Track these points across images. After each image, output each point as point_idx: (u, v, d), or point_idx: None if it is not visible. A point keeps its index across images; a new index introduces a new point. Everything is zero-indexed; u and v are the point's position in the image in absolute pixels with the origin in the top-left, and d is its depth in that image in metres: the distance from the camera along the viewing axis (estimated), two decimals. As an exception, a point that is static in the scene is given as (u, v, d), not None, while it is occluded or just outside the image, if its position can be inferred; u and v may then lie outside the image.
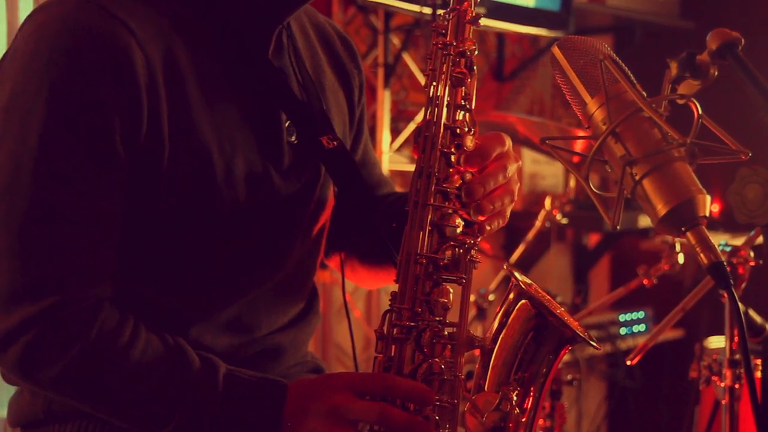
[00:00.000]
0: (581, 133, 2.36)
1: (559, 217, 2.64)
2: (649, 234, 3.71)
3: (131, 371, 1.23)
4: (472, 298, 2.67)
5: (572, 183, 2.76)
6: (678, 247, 2.33)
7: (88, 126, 1.21)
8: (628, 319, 3.79)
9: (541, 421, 2.37)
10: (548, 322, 1.21)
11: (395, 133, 3.31)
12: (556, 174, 3.75)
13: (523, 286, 1.23)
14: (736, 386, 1.93)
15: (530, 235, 2.68)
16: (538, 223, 2.65)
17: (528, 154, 3.67)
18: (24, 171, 1.21)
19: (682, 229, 1.14)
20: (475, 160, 1.30)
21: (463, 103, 1.33)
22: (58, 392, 1.26)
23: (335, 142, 1.39)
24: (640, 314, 3.83)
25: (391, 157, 3.18)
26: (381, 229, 1.46)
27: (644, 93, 1.20)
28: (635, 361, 2.01)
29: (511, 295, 1.24)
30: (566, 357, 2.63)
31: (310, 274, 1.49)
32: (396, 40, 3.24)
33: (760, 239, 1.90)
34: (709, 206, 1.14)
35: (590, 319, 3.72)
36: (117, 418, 1.27)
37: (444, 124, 1.30)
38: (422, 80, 2.60)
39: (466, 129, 1.33)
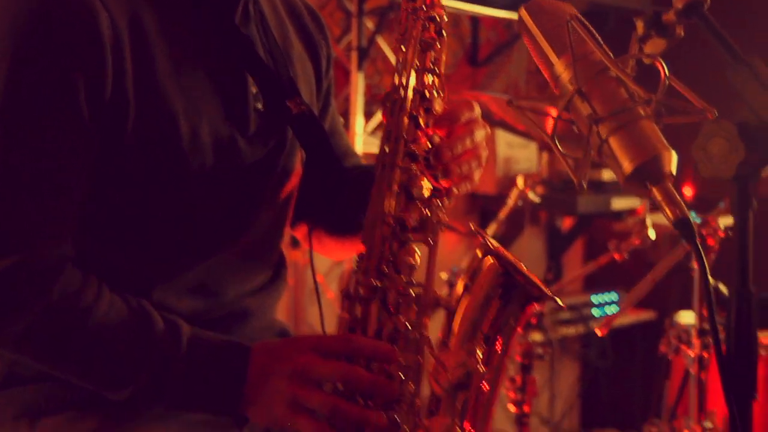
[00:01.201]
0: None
1: (531, 195, 2.65)
2: (622, 217, 3.73)
3: (94, 332, 1.22)
4: (444, 276, 2.68)
5: (545, 161, 2.76)
6: (649, 223, 2.34)
7: (51, 84, 1.20)
8: (601, 300, 3.81)
9: (512, 394, 2.38)
10: (515, 280, 1.22)
11: (369, 116, 3.31)
12: (530, 158, 3.75)
13: (490, 245, 1.23)
14: (705, 355, 1.95)
15: (502, 213, 2.68)
16: (510, 202, 2.65)
17: (502, 138, 3.68)
18: None
19: (648, 185, 1.14)
20: (443, 123, 1.30)
21: (432, 67, 1.33)
22: (20, 352, 1.26)
23: (303, 107, 1.39)
24: (613, 296, 3.85)
25: (364, 139, 3.17)
26: (349, 196, 1.46)
27: (611, 53, 1.20)
28: (604, 332, 2.02)
29: (478, 253, 1.24)
30: (538, 337, 2.64)
31: (276, 242, 1.49)
32: (370, 24, 3.23)
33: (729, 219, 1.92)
34: (675, 163, 1.14)
35: (563, 300, 3.74)
36: (79, 378, 1.27)
37: (413, 87, 1.30)
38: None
39: (435, 93, 1.33)
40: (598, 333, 2.03)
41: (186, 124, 1.28)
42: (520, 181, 2.66)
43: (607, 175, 3.91)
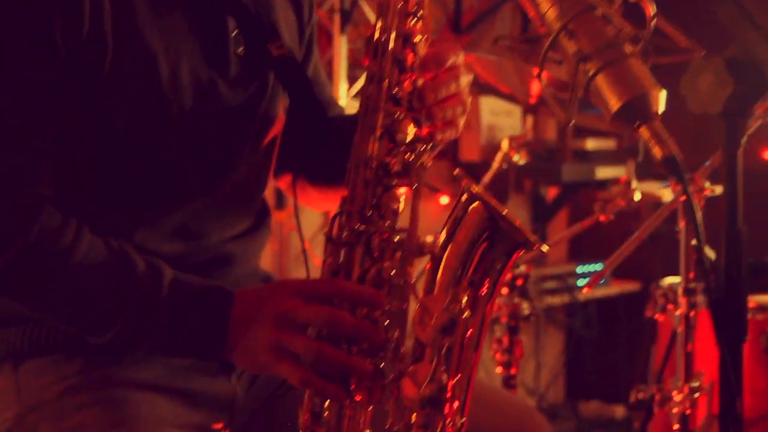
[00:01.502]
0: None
1: (516, 158, 2.62)
2: (607, 186, 3.72)
3: (73, 273, 1.19)
4: (430, 239, 2.66)
5: (529, 125, 2.73)
6: (634, 184, 2.32)
7: (27, 22, 1.18)
8: (586, 271, 3.80)
9: (498, 356, 2.36)
10: (500, 226, 1.19)
11: (352, 81, 3.28)
12: (514, 126, 3.73)
13: (474, 189, 1.21)
14: (692, 314, 1.93)
15: (487, 177, 2.66)
16: (495, 165, 2.63)
17: (486, 105, 3.65)
18: None
19: (636, 124, 1.12)
20: (428, 66, 1.27)
21: (415, 10, 1.30)
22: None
23: (284, 50, 1.36)
24: (598, 266, 3.84)
25: (348, 104, 3.14)
26: (333, 144, 1.44)
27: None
28: (589, 289, 2.00)
29: (463, 198, 1.21)
30: (525, 306, 2.61)
31: (259, 189, 1.47)
32: (353, -14, 3.20)
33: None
34: (664, 102, 1.12)
35: (548, 270, 3.74)
36: (58, 321, 1.25)
37: (396, 29, 1.27)
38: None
39: (419, 36, 1.30)
40: (584, 291, 2.01)
41: (165, 65, 1.26)
42: (504, 144, 2.64)
43: (592, 144, 3.90)
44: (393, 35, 1.27)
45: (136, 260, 1.22)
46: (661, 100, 1.13)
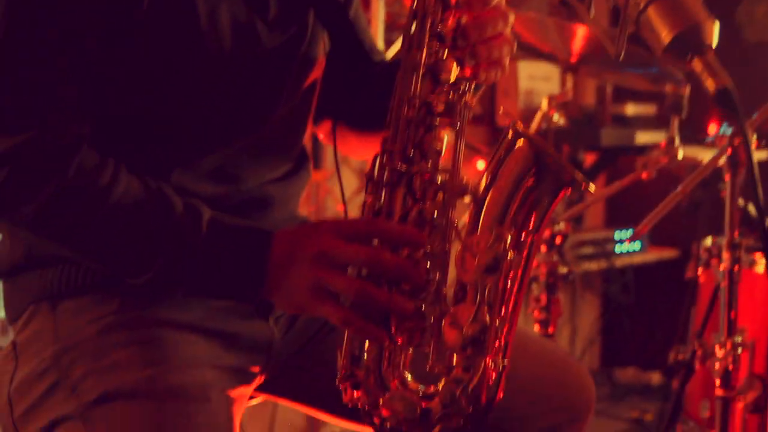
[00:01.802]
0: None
1: (555, 118, 2.58)
2: (646, 151, 3.66)
3: (111, 212, 1.18)
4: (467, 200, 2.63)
5: (569, 84, 2.69)
6: (677, 141, 2.28)
7: None
8: (624, 237, 3.75)
9: (536, 313, 2.33)
10: (546, 163, 1.16)
11: (389, 44, 3.24)
12: (552, 91, 3.68)
13: (519, 127, 1.18)
14: (735, 269, 1.89)
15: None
16: (534, 124, 2.59)
17: (524, 70, 3.61)
18: None
19: (688, 56, 1.09)
20: (473, 3, 1.24)
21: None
22: (36, 232, 1.22)
23: None
24: (636, 232, 3.79)
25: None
26: (373, 90, 1.41)
27: None
28: (644, 231, 1.95)
29: (509, 136, 1.18)
30: (564, 268, 2.57)
31: (298, 133, 1.44)
32: (391, -53, 3.16)
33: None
34: (717, 34, 1.08)
35: (585, 236, 3.70)
36: (96, 260, 1.23)
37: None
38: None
39: None
40: (635, 234, 1.97)
41: (204, 6, 1.23)
42: (544, 103, 2.59)
43: (631, 109, 3.84)
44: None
45: (174, 200, 1.21)
46: (714, 33, 1.09)
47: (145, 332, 1.24)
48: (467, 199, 1.21)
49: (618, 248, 3.74)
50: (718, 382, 1.90)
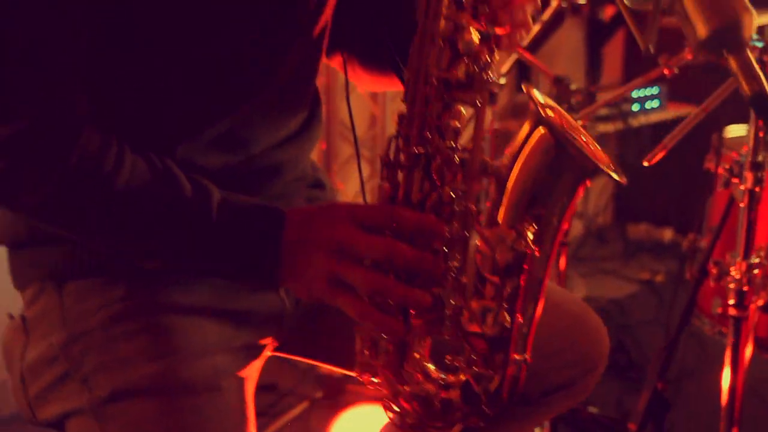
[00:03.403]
0: None
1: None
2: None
3: (117, 199, 1.13)
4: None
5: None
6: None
7: None
8: (641, 95, 3.67)
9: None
10: (568, 154, 1.11)
11: None
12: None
13: (542, 113, 1.12)
14: (757, 189, 1.86)
15: (546, 14, 2.52)
16: (554, 3, 2.49)
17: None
18: None
19: (725, 53, 1.02)
20: None
21: None
22: (41, 220, 1.18)
23: None
24: (654, 90, 3.71)
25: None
26: (385, 30, 1.35)
27: None
28: (654, 161, 1.92)
29: (528, 123, 1.13)
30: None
31: (310, 79, 1.37)
32: None
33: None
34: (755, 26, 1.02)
35: (602, 95, 3.62)
36: (105, 247, 1.20)
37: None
38: None
39: None
40: (645, 164, 1.93)
41: None
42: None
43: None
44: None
45: (183, 182, 1.16)
46: (752, 26, 1.02)
47: (155, 319, 1.21)
48: (487, 182, 1.17)
49: (635, 107, 3.67)
50: (732, 301, 1.89)
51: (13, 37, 1.08)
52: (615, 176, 1.14)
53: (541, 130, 1.12)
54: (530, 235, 1.11)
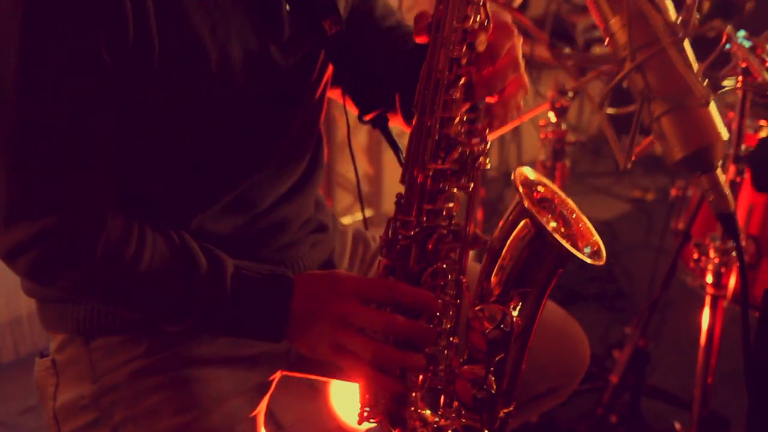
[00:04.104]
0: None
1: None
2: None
3: (141, 282, 1.25)
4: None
5: None
6: None
7: (69, 41, 1.13)
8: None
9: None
10: (549, 243, 1.21)
11: None
12: None
13: (526, 204, 1.21)
14: (738, 180, 1.95)
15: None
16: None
17: None
18: (9, 92, 1.14)
19: (698, 172, 1.11)
20: (483, 61, 1.23)
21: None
22: (71, 296, 1.33)
23: (337, 27, 1.32)
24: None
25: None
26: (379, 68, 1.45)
27: (671, 17, 1.10)
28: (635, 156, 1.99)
29: (516, 207, 1.23)
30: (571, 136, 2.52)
31: (313, 134, 1.47)
32: None
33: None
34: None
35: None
36: (130, 314, 1.36)
37: (454, 26, 1.22)
38: None
39: (478, 24, 1.23)
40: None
41: (214, 46, 1.23)
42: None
43: None
44: (450, 27, 1.22)
45: (199, 257, 1.27)
46: (724, 149, 1.10)
47: (176, 374, 1.36)
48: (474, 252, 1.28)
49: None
50: (710, 280, 2.02)
51: (36, 134, 1.17)
52: (588, 260, 1.24)
53: (524, 220, 1.22)
54: (515, 314, 1.23)
